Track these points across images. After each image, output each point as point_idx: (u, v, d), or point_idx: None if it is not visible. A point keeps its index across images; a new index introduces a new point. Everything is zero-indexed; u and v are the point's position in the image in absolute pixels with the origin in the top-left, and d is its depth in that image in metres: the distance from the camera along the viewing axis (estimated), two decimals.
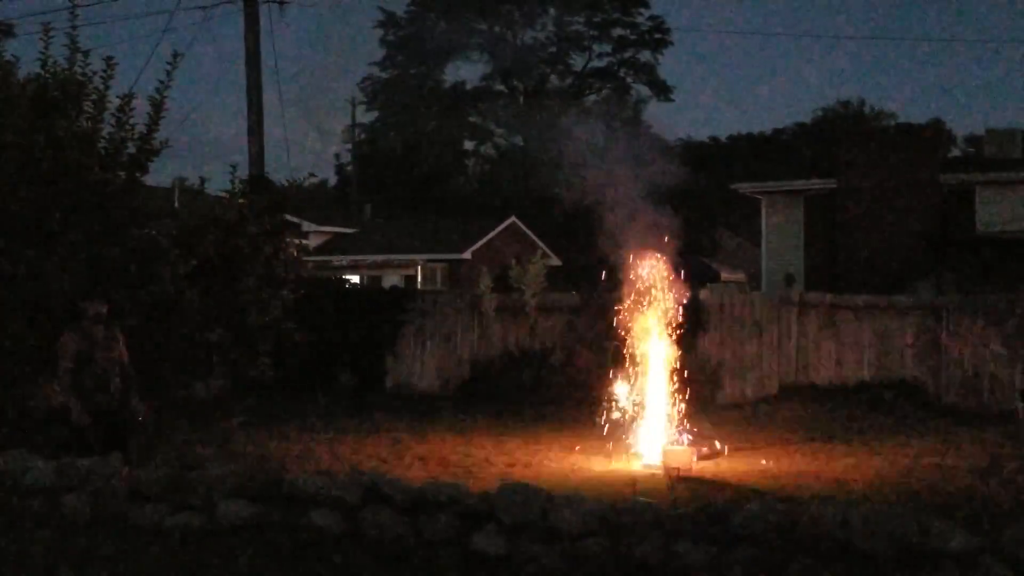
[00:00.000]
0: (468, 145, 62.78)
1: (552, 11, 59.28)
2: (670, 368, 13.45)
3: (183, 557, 8.19)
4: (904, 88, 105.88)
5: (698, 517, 7.79)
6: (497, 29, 58.82)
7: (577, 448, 13.62)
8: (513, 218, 46.17)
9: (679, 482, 11.03)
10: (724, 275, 36.21)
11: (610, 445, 13.13)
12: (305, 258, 16.83)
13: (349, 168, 62.87)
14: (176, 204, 16.30)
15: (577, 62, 61.09)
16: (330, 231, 47.08)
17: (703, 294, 18.74)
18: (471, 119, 60.30)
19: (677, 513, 7.90)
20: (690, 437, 12.93)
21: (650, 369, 13.41)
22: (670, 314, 13.49)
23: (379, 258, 43.30)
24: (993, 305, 17.30)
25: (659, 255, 13.48)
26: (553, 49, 60.10)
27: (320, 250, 42.15)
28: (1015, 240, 24.85)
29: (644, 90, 61.12)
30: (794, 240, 28.72)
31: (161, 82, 14.61)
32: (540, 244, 44.05)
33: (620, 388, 13.53)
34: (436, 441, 14.49)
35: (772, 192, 29.68)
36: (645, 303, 13.40)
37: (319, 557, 8.10)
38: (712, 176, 48.70)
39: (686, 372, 13.67)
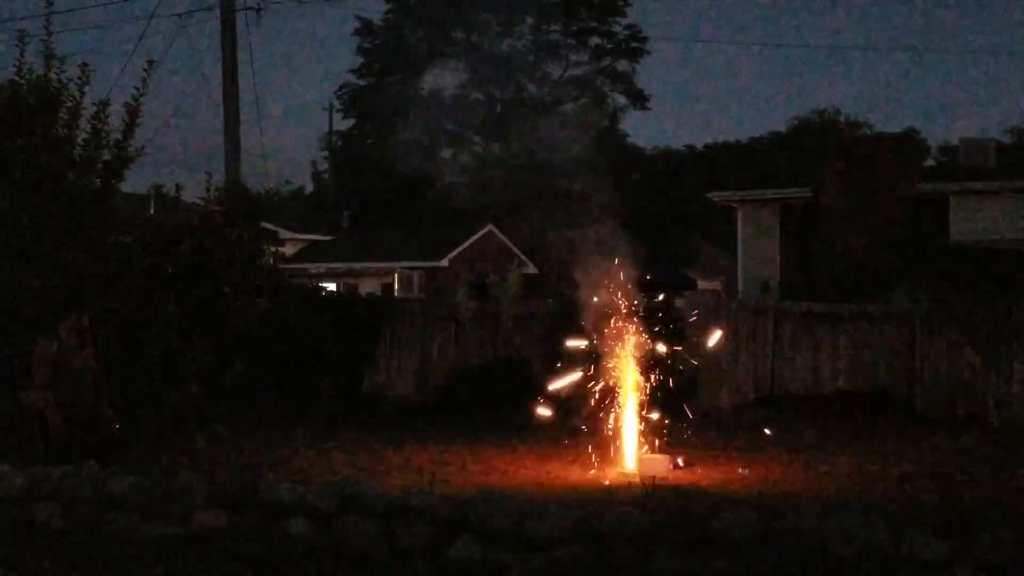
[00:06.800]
0: (445, 153, 62.75)
1: (529, 20, 59.33)
2: (645, 377, 13.45)
3: (157, 567, 8.15)
4: (879, 98, 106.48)
5: (675, 526, 7.80)
6: (474, 38, 58.81)
7: (552, 456, 13.62)
8: (491, 226, 46.16)
9: (655, 490, 11.03)
10: (700, 283, 36.30)
11: (586, 453, 13.13)
12: (281, 266, 16.81)
13: (326, 175, 62.77)
14: (152, 211, 16.25)
15: (554, 71, 61.16)
16: (307, 238, 46.96)
17: (678, 303, 18.75)
18: (448, 127, 60.26)
19: (654, 522, 7.90)
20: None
21: (625, 378, 13.41)
22: (645, 323, 13.49)
23: (356, 265, 43.20)
24: (967, 314, 17.39)
25: (634, 265, 13.49)
26: (530, 58, 60.13)
27: (297, 257, 42.02)
28: (989, 250, 24.99)
29: (621, 99, 61.26)
30: (770, 249, 28.77)
31: (136, 89, 14.60)
32: (517, 252, 44.06)
33: (597, 397, 13.51)
34: (412, 449, 14.46)
35: (748, 201, 29.74)
36: (619, 313, 13.40)
37: (294, 566, 8.06)
38: (688, 185, 48.83)
39: (661, 381, 13.67)
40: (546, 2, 57.99)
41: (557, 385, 13.70)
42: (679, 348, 14.25)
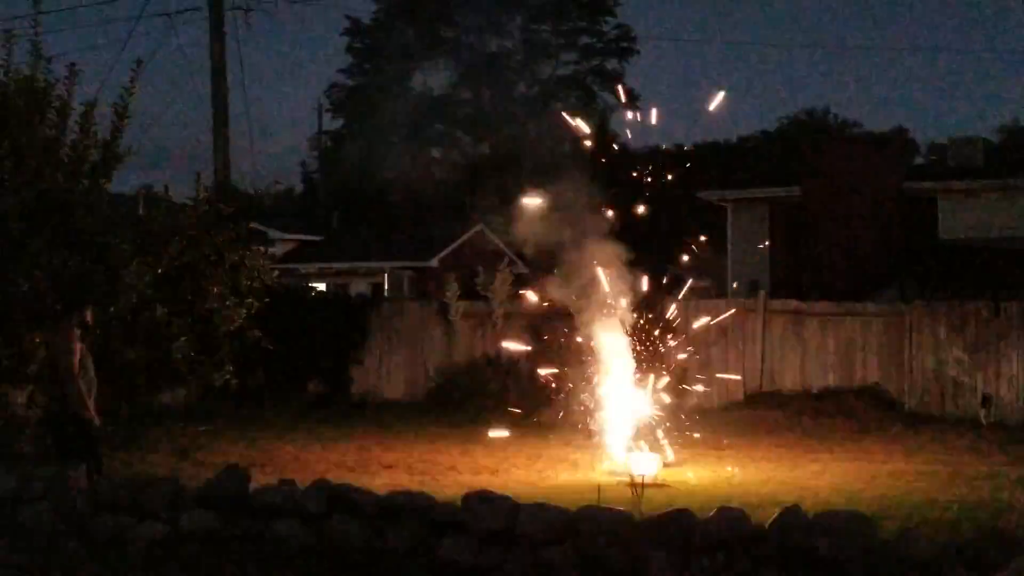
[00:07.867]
0: (435, 153, 62.72)
1: (519, 19, 59.37)
2: (635, 375, 13.46)
3: (146, 568, 8.13)
4: (868, 97, 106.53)
5: (664, 525, 7.81)
6: (464, 37, 58.82)
7: (542, 455, 13.63)
8: (480, 226, 46.12)
9: (645, 489, 11.04)
10: (689, 282, 36.22)
11: (575, 452, 13.14)
12: (271, 266, 16.76)
13: (315, 176, 62.65)
14: (140, 212, 16.20)
15: (544, 70, 61.18)
16: (296, 239, 46.85)
17: (668, 301, 18.77)
18: (438, 126, 60.25)
19: (643, 521, 7.91)
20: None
21: (615, 376, 13.41)
22: (635, 321, 13.51)
23: (346, 266, 43.12)
24: (955, 312, 17.44)
25: (624, 262, 13.50)
26: (520, 57, 60.18)
27: (286, 258, 41.92)
28: (977, 247, 25.07)
29: (611, 98, 61.28)
30: (759, 247, 28.85)
31: (125, 89, 14.55)
32: (507, 251, 43.98)
33: (585, 396, 13.52)
34: (402, 449, 14.46)
35: (737, 200, 29.81)
36: (609, 310, 13.41)
37: (283, 567, 8.05)
38: (677, 183, 48.79)
39: (651, 379, 13.68)
40: (535, 2, 58.04)
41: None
42: (670, 347, 14.29)
